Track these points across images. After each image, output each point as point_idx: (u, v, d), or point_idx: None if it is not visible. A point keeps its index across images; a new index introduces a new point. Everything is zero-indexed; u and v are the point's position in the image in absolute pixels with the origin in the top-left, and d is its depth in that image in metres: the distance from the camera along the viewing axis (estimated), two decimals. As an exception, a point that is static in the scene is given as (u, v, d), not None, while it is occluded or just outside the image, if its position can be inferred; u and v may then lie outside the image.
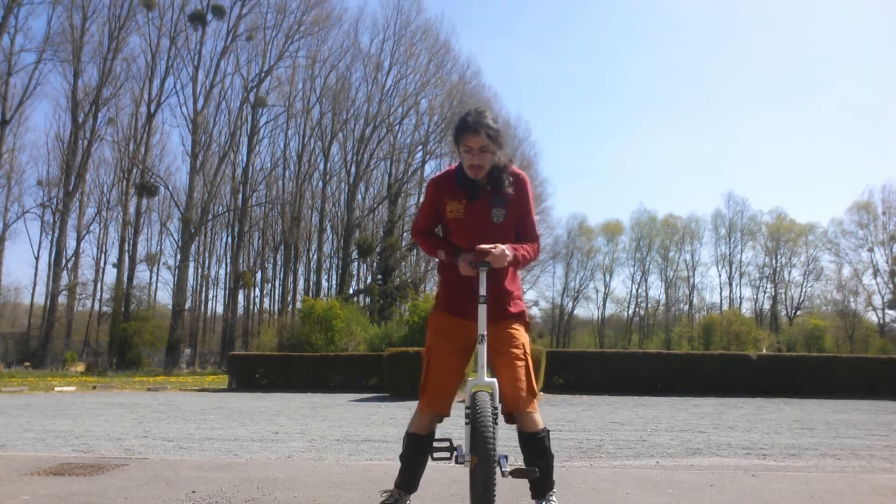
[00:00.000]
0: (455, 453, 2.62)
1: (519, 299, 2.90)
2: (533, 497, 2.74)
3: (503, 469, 2.48)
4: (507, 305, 2.83)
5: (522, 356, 2.76)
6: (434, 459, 2.67)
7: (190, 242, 40.93)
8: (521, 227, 2.86)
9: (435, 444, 2.68)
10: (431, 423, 2.81)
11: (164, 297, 45.19)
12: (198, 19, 40.23)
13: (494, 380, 2.65)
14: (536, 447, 2.70)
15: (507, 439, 6.66)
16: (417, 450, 2.80)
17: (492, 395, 2.58)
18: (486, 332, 2.62)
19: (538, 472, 2.57)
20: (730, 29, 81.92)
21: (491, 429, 2.39)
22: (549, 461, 2.74)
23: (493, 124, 2.72)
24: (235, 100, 42.79)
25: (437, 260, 2.94)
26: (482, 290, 2.65)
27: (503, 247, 2.64)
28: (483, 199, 2.79)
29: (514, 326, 2.81)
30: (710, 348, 38.92)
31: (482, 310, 2.63)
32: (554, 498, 2.72)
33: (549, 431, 2.76)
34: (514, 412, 2.70)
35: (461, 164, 2.80)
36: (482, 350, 2.61)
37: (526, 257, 2.79)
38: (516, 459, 5.16)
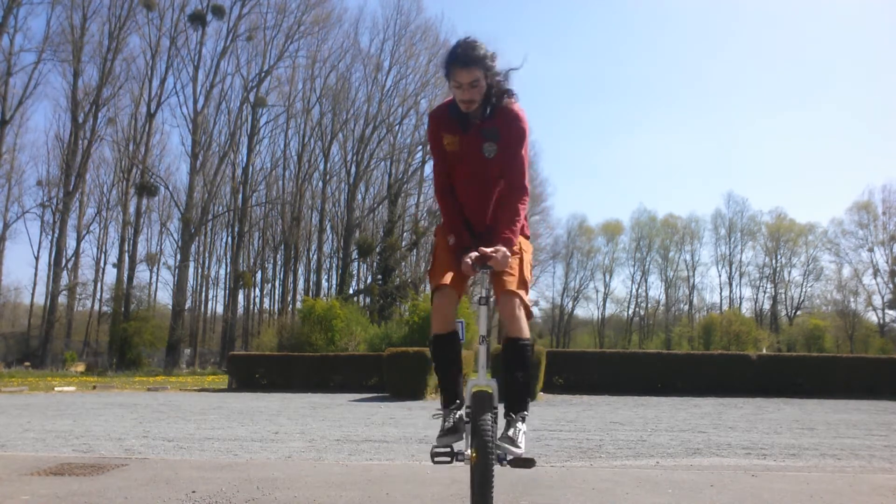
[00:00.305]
0: (455, 458, 2.61)
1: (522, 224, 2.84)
2: (505, 410, 2.64)
3: (502, 462, 2.48)
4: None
5: (518, 252, 2.71)
6: (434, 463, 2.66)
7: (190, 242, 40.93)
8: (504, 169, 2.74)
9: (435, 450, 2.63)
10: (448, 311, 2.73)
11: (164, 297, 45.27)
12: (198, 19, 40.23)
13: (494, 380, 2.63)
14: (518, 354, 2.63)
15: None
16: (444, 349, 2.75)
17: (492, 395, 2.57)
18: (486, 334, 2.60)
19: (535, 462, 2.55)
20: (730, 29, 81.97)
21: (490, 427, 2.38)
22: (528, 374, 2.68)
23: (485, 56, 2.60)
24: (235, 100, 42.87)
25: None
26: (484, 292, 2.63)
27: (504, 249, 2.59)
28: (474, 131, 2.72)
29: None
30: (710, 348, 38.92)
31: (483, 311, 2.61)
32: (523, 427, 2.61)
33: (533, 345, 2.70)
34: (502, 314, 2.63)
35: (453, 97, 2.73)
36: (482, 350, 2.60)
37: (521, 228, 2.74)
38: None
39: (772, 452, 6.08)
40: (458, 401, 2.70)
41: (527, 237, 2.89)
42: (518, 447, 2.51)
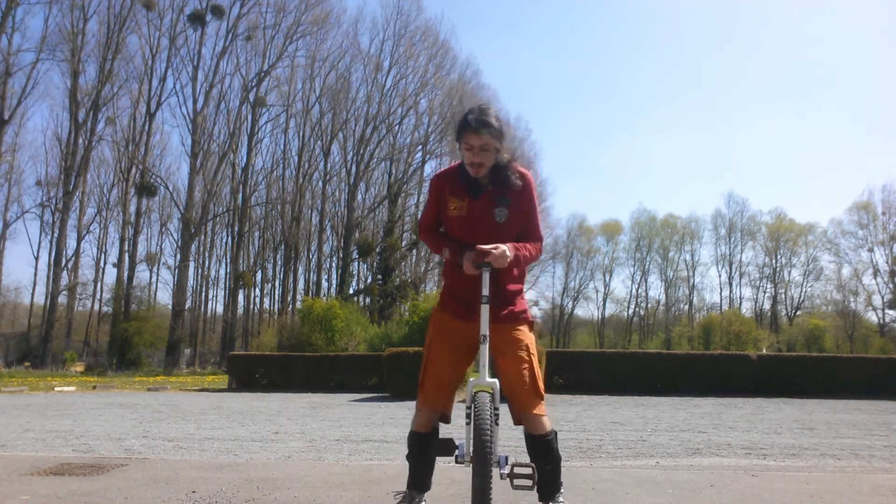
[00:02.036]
0: (456, 453, 2.62)
1: (522, 299, 2.89)
2: (540, 499, 2.73)
3: (502, 470, 2.48)
4: (510, 306, 2.81)
5: (527, 358, 2.74)
6: (437, 455, 2.68)
7: (190, 242, 40.93)
8: (524, 227, 2.82)
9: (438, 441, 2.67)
10: (431, 420, 2.80)
11: (164, 297, 45.28)
12: (197, 19, 40.23)
13: (496, 380, 2.63)
14: (543, 449, 2.69)
15: (507, 439, 6.65)
16: (420, 448, 2.81)
17: (492, 395, 2.57)
18: (487, 333, 2.61)
19: (534, 470, 2.55)
20: (729, 29, 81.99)
21: (489, 430, 2.38)
22: (557, 463, 2.73)
23: (496, 122, 2.68)
24: (235, 100, 42.88)
25: (439, 259, 2.94)
26: (485, 290, 2.63)
27: (504, 247, 2.61)
28: (486, 197, 2.75)
29: (517, 328, 2.79)
30: (710, 348, 38.92)
31: (485, 310, 2.62)
32: (562, 500, 2.71)
33: (556, 433, 2.75)
34: (521, 414, 2.69)
35: (463, 162, 2.77)
36: (484, 350, 2.60)
37: (528, 257, 2.76)
38: (517, 460, 5.16)
39: (772, 452, 6.08)
40: (426, 491, 2.82)
41: (531, 325, 2.89)
42: None
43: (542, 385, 2.76)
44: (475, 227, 2.76)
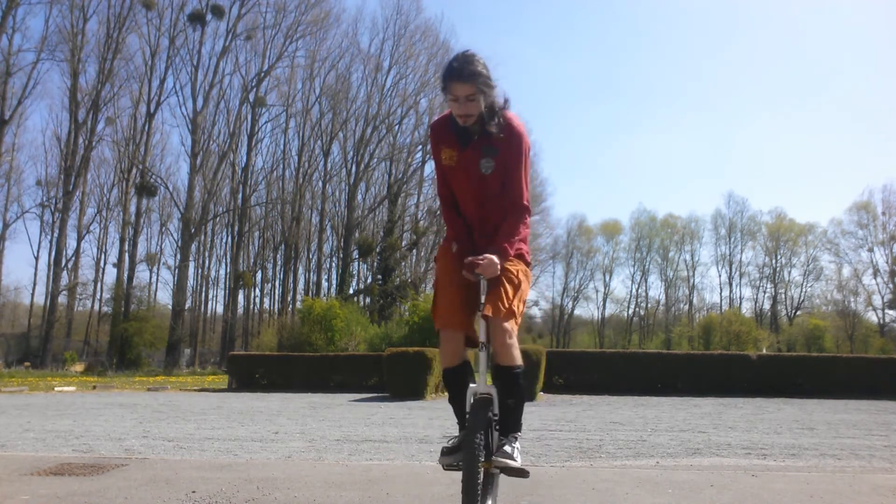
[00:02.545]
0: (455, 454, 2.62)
1: (521, 245, 2.79)
2: (499, 435, 2.63)
3: (493, 469, 2.48)
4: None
5: (513, 278, 2.65)
6: (441, 464, 2.66)
7: (190, 242, 40.93)
8: (504, 187, 2.70)
9: (444, 448, 2.65)
10: (455, 348, 2.72)
11: (164, 297, 45.27)
12: (197, 19, 40.23)
13: (493, 387, 2.61)
14: (509, 381, 2.62)
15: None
16: (453, 382, 2.74)
17: (491, 401, 2.57)
18: (486, 341, 2.60)
19: (528, 473, 2.55)
20: (730, 29, 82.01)
21: (479, 436, 2.36)
22: (520, 400, 2.67)
23: (483, 70, 2.57)
24: (235, 100, 42.91)
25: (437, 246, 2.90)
26: (482, 299, 2.61)
27: (491, 256, 2.55)
28: (473, 147, 2.67)
29: (510, 260, 2.69)
30: (710, 348, 38.92)
31: (482, 319, 2.62)
32: (517, 444, 2.59)
33: (524, 370, 2.67)
34: (493, 339, 2.59)
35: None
36: (482, 357, 2.60)
37: (520, 249, 2.71)
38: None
39: (772, 452, 6.08)
40: None
41: (528, 264, 2.84)
42: (515, 460, 2.50)
43: (518, 312, 2.66)
44: (462, 178, 2.71)
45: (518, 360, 2.62)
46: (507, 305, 2.59)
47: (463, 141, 2.69)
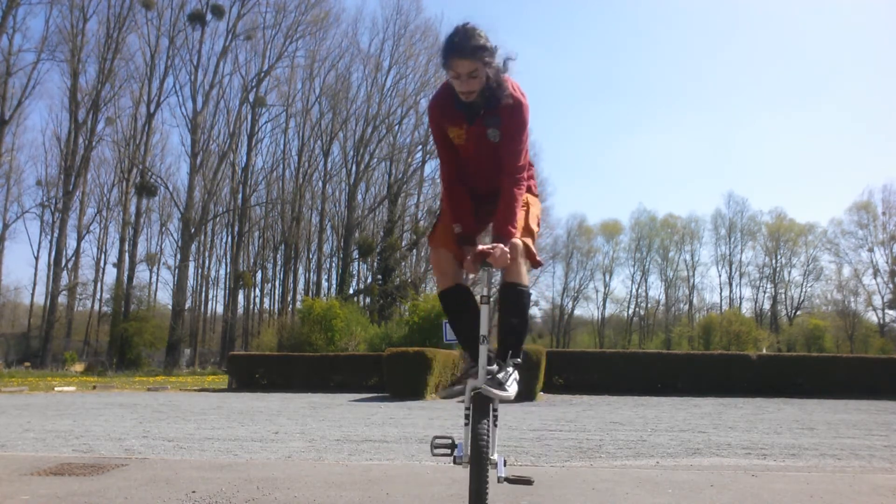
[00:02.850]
0: (455, 452, 2.59)
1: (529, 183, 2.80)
2: (496, 357, 2.58)
3: (500, 474, 2.45)
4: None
5: (524, 204, 2.68)
6: (434, 455, 2.65)
7: (190, 242, 40.93)
8: (503, 153, 2.65)
9: (436, 441, 2.62)
10: (449, 267, 2.70)
11: (164, 297, 45.27)
12: (197, 19, 40.24)
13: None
14: (515, 298, 2.59)
15: (506, 439, 6.60)
16: (452, 306, 2.74)
17: (492, 398, 2.54)
18: (488, 334, 2.58)
19: (532, 481, 2.54)
20: (730, 29, 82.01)
21: (486, 433, 2.35)
22: (524, 322, 2.65)
23: (485, 44, 2.49)
24: (235, 99, 42.94)
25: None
26: (485, 291, 2.59)
27: (502, 246, 2.51)
28: (479, 122, 2.65)
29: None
30: (710, 348, 38.93)
31: (484, 310, 2.58)
32: (514, 373, 2.54)
33: (531, 293, 2.67)
34: (504, 256, 2.51)
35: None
36: (483, 350, 2.55)
37: (528, 189, 2.73)
38: (516, 460, 5.16)
39: (772, 452, 6.07)
40: (472, 354, 2.64)
41: (535, 195, 2.86)
42: (505, 390, 2.45)
43: (535, 228, 2.69)
44: (473, 153, 2.70)
45: (526, 279, 2.61)
46: (520, 223, 2.61)
47: (469, 116, 2.65)
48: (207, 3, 40.39)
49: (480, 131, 2.65)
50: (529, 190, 2.81)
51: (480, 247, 2.56)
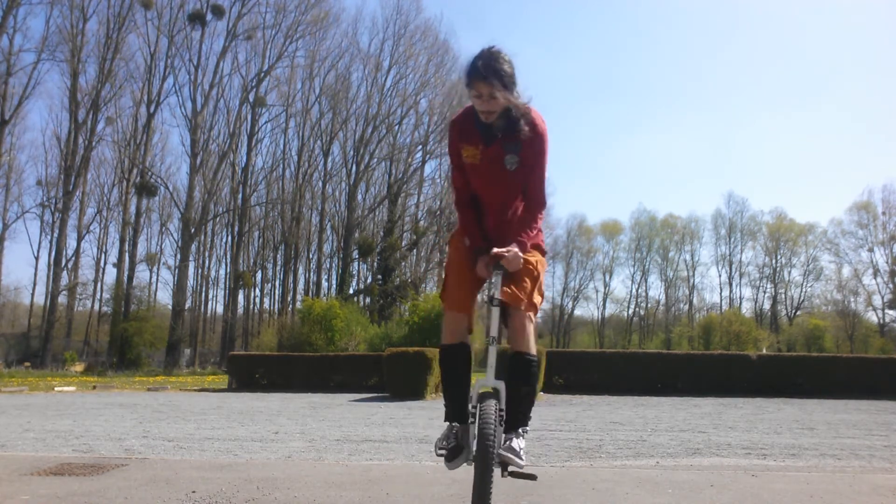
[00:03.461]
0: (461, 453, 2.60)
1: (537, 234, 2.83)
2: (505, 431, 2.60)
3: (503, 472, 2.47)
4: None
5: (531, 269, 2.70)
6: (438, 455, 2.66)
7: (190, 242, 40.93)
8: (525, 182, 2.72)
9: (440, 444, 2.64)
10: (459, 327, 2.75)
11: (164, 297, 45.28)
12: (197, 19, 40.23)
13: (502, 382, 2.59)
14: (524, 369, 2.64)
15: (507, 439, 6.53)
16: (450, 362, 2.76)
17: (498, 396, 2.54)
18: (497, 334, 2.58)
19: (536, 476, 2.55)
20: (730, 29, 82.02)
21: (492, 433, 2.36)
22: (533, 390, 2.69)
23: (508, 68, 2.55)
24: (235, 99, 42.94)
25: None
26: (496, 293, 2.60)
27: (516, 249, 2.58)
28: (497, 144, 2.67)
29: (530, 251, 2.75)
30: (710, 348, 38.93)
31: (494, 312, 2.59)
32: (523, 442, 2.59)
33: (538, 361, 2.70)
34: (512, 327, 2.63)
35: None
36: (492, 352, 2.57)
37: (537, 239, 2.75)
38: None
39: (772, 452, 6.07)
40: (459, 423, 2.67)
41: (543, 253, 2.88)
42: (521, 459, 2.51)
43: (537, 305, 2.71)
44: (486, 174, 2.71)
45: (534, 349, 2.66)
46: (527, 297, 2.64)
47: (487, 138, 2.67)
48: (207, 3, 40.39)
49: (497, 154, 2.67)
50: (539, 247, 2.83)
51: (496, 249, 2.60)
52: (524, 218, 2.72)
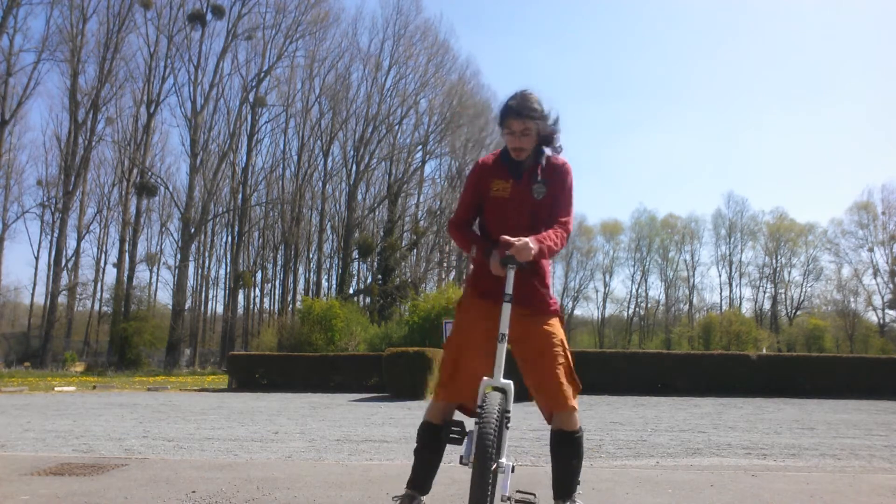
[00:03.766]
0: (461, 453, 2.58)
1: (552, 297, 2.90)
2: (556, 497, 2.73)
3: (504, 492, 2.42)
4: (546, 299, 2.84)
5: (563, 354, 2.80)
6: (447, 442, 2.66)
7: (190, 242, 40.93)
8: (553, 208, 2.85)
9: (451, 427, 2.66)
10: (447, 412, 2.78)
11: (164, 297, 45.25)
12: (197, 19, 40.23)
13: (510, 381, 2.55)
14: (573, 446, 2.74)
15: (517, 440, 6.59)
16: (432, 440, 2.76)
17: (505, 396, 2.51)
18: (507, 332, 2.56)
19: (536, 497, 2.59)
20: (730, 29, 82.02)
21: (492, 434, 2.31)
22: (580, 460, 2.78)
23: (538, 107, 2.74)
24: (235, 99, 42.92)
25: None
26: (508, 289, 2.58)
27: (527, 239, 2.58)
28: (526, 176, 2.82)
29: (549, 321, 2.82)
30: (710, 348, 38.92)
31: (506, 308, 2.56)
32: (579, 500, 2.72)
33: (583, 430, 2.80)
34: (556, 411, 2.73)
35: (506, 146, 2.84)
36: (501, 349, 2.54)
37: (552, 248, 2.73)
38: (516, 460, 5.16)
39: (772, 452, 6.07)
40: (425, 494, 2.75)
41: (560, 317, 2.93)
42: None
43: (577, 379, 2.82)
44: (515, 207, 2.80)
45: (579, 422, 2.78)
46: (571, 387, 2.78)
47: (516, 174, 2.82)
48: (207, 3, 40.39)
49: (526, 187, 2.81)
50: (559, 314, 2.92)
51: (504, 237, 2.62)
52: (549, 232, 2.76)
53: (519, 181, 2.81)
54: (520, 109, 2.72)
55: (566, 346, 2.83)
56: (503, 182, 2.82)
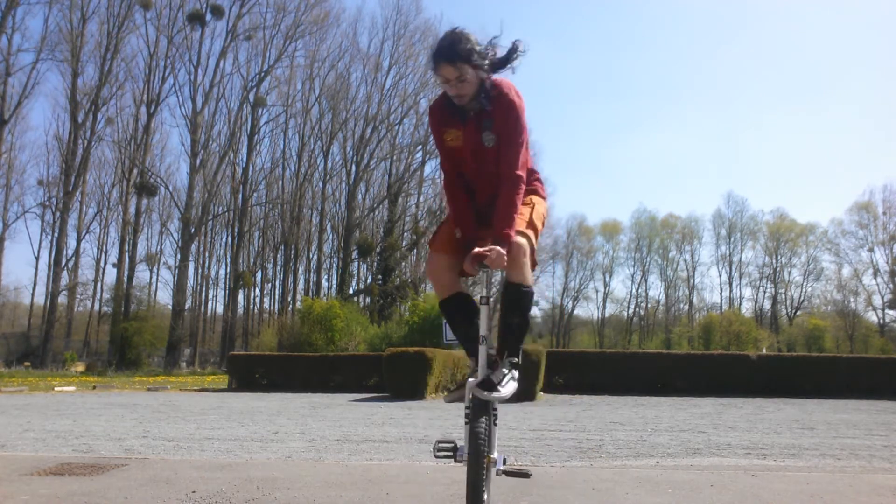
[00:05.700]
0: (457, 453, 2.59)
1: (534, 183, 2.81)
2: (495, 355, 2.60)
3: (498, 468, 2.47)
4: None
5: (529, 204, 2.70)
6: (437, 458, 2.66)
7: (190, 242, 40.93)
8: (500, 157, 2.59)
9: (439, 445, 2.61)
10: (446, 278, 2.70)
11: (164, 297, 45.31)
12: (197, 19, 40.24)
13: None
14: (517, 298, 2.59)
15: (506, 439, 6.60)
16: (454, 310, 2.73)
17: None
18: (488, 335, 2.58)
19: (530, 474, 2.56)
20: (731, 28, 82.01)
21: (483, 429, 2.36)
22: (525, 320, 2.65)
23: (472, 47, 2.46)
24: (235, 100, 42.95)
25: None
26: (484, 292, 2.60)
27: (498, 249, 2.47)
28: (472, 123, 2.60)
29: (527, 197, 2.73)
30: (710, 348, 38.92)
31: (484, 310, 2.59)
32: (510, 370, 2.56)
33: (534, 294, 2.65)
34: (509, 258, 2.51)
35: None
36: (482, 351, 2.57)
37: (536, 191, 2.72)
38: (516, 460, 5.17)
39: (772, 452, 6.07)
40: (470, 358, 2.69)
41: (542, 197, 2.83)
42: (498, 391, 2.45)
43: (538, 227, 2.68)
44: (469, 156, 2.66)
45: (529, 280, 2.59)
46: (525, 219, 2.61)
47: (463, 119, 2.62)
48: (207, 3, 40.39)
49: (475, 133, 2.61)
50: (536, 192, 2.81)
51: (477, 249, 2.50)
52: (502, 204, 2.55)
53: (466, 128, 2.61)
54: (451, 52, 2.43)
55: (535, 208, 2.71)
56: (455, 130, 2.62)
